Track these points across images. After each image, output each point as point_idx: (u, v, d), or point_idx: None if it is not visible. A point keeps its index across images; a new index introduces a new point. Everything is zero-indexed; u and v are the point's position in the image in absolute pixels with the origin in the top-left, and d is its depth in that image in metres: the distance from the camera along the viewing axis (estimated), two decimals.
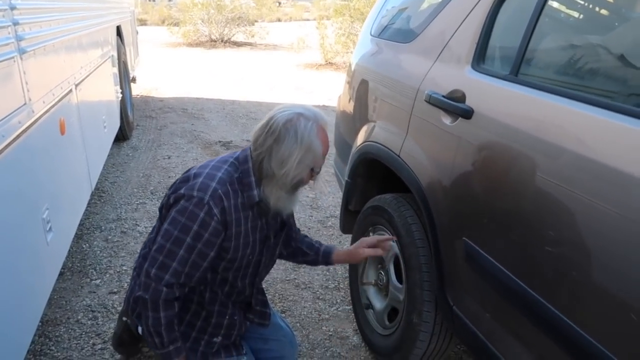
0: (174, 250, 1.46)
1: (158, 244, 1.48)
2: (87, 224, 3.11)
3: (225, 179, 1.50)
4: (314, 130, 1.48)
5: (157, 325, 1.48)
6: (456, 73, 1.57)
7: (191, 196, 1.45)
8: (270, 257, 1.73)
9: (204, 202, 1.43)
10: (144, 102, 6.75)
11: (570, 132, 1.12)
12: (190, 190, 1.46)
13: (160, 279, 1.46)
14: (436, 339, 1.72)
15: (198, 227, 1.45)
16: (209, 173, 1.50)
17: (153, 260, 1.47)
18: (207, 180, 1.48)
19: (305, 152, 1.48)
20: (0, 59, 1.50)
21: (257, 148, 1.51)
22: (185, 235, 1.45)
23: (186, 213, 1.44)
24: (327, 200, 3.76)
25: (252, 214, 1.57)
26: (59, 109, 2.18)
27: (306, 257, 1.88)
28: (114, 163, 4.25)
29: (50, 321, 2.18)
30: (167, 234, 1.46)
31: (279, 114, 1.49)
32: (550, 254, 1.11)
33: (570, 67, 1.28)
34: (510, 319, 1.27)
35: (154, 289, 1.46)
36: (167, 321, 1.49)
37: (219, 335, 1.69)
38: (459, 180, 1.47)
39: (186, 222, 1.45)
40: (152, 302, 1.47)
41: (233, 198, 1.49)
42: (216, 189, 1.46)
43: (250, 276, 1.70)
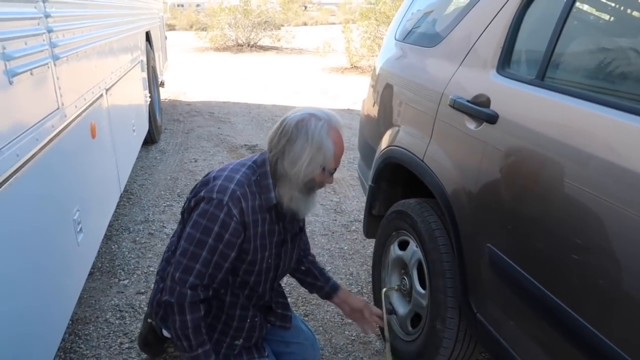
0: (197, 253, 1.49)
1: (182, 248, 1.51)
2: (116, 225, 3.18)
3: (244, 181, 1.53)
4: (324, 130, 1.50)
5: (184, 328, 1.51)
6: (481, 77, 1.56)
7: (211, 198, 1.49)
8: (289, 261, 1.75)
9: (223, 204, 1.47)
10: (171, 106, 6.88)
11: (598, 138, 1.10)
12: (210, 192, 1.50)
13: (184, 281, 1.49)
14: (459, 345, 1.69)
15: (219, 228, 1.48)
16: (228, 175, 1.54)
17: (177, 264, 1.51)
18: (225, 182, 1.51)
19: (316, 151, 1.49)
20: (35, 65, 1.55)
21: (272, 149, 1.54)
22: (207, 237, 1.48)
23: (207, 215, 1.48)
24: (351, 205, 3.76)
25: (269, 217, 1.58)
26: (90, 113, 2.25)
27: (315, 282, 1.91)
28: (142, 166, 4.35)
29: (80, 320, 2.24)
30: (190, 237, 1.50)
31: (292, 115, 1.53)
32: (577, 261, 1.09)
33: (599, 71, 1.26)
34: (535, 327, 1.25)
35: (179, 292, 1.50)
36: (194, 324, 1.52)
37: (241, 338, 1.71)
38: (483, 186, 1.45)
39: (207, 223, 1.48)
40: (178, 305, 1.50)
41: (251, 200, 1.52)
42: (234, 190, 1.49)
43: (271, 281, 1.71)
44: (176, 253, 1.54)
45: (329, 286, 1.90)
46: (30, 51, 1.52)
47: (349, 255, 3.00)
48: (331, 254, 3.00)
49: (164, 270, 1.72)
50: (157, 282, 1.76)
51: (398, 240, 2.07)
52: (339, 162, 1.56)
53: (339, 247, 3.09)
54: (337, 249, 3.06)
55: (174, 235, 1.74)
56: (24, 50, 1.48)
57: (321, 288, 1.90)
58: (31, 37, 1.56)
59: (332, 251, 3.03)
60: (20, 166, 1.38)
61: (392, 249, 2.10)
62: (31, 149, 1.48)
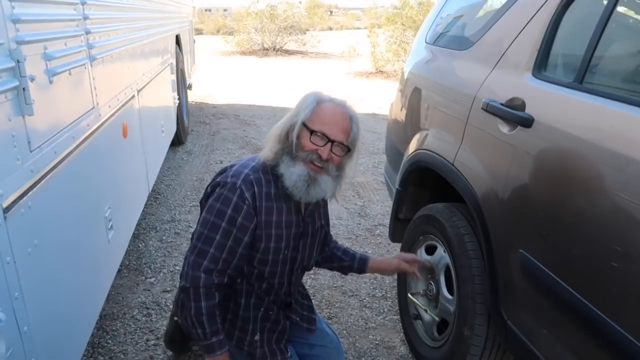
0: (211, 236, 1.51)
1: (197, 232, 1.54)
2: (143, 224, 3.23)
3: (258, 167, 1.55)
4: (310, 98, 1.54)
5: (198, 315, 1.52)
6: (515, 81, 1.53)
7: (225, 182, 1.52)
8: (308, 257, 1.74)
9: (236, 187, 1.49)
10: (198, 108, 6.97)
11: (638, 142, 1.07)
12: (225, 177, 1.53)
13: (198, 264, 1.51)
14: (488, 353, 1.66)
15: (232, 211, 1.50)
16: (244, 162, 1.58)
17: (193, 248, 1.53)
18: (240, 168, 1.55)
19: (294, 110, 1.54)
20: (73, 65, 1.59)
21: None
22: (221, 220, 1.50)
23: (220, 198, 1.50)
24: (375, 209, 3.74)
25: (286, 207, 1.59)
26: (122, 113, 2.30)
27: (342, 263, 1.90)
28: (169, 166, 4.41)
29: (107, 316, 2.28)
30: (205, 221, 1.52)
31: None
32: (616, 269, 1.06)
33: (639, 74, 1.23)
34: (570, 335, 1.22)
35: (192, 275, 1.51)
36: (208, 311, 1.52)
37: (257, 331, 1.70)
38: (517, 191, 1.42)
39: (221, 207, 1.50)
40: (193, 289, 1.51)
41: (265, 186, 1.54)
42: (248, 174, 1.52)
43: (288, 274, 1.70)
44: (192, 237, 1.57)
45: (357, 262, 1.90)
46: (69, 52, 1.56)
47: None
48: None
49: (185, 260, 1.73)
50: None
51: (425, 244, 2.05)
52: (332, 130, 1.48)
53: (363, 251, 3.07)
54: None
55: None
56: (64, 51, 1.52)
57: (351, 266, 1.90)
58: (70, 38, 1.60)
59: None
60: (57, 163, 1.42)
61: (419, 253, 2.08)
62: (68, 147, 1.52)
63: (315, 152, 1.50)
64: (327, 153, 1.50)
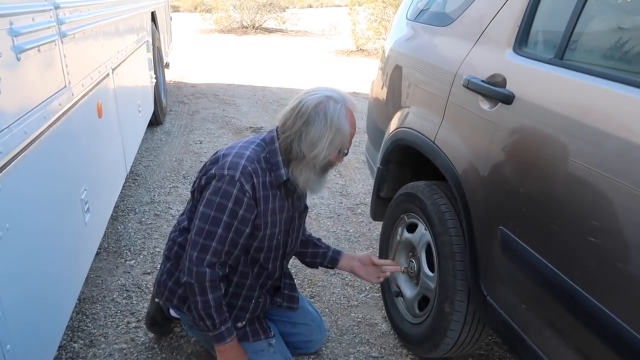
0: (212, 231, 1.50)
1: (197, 227, 1.51)
2: (122, 206, 3.18)
3: (253, 157, 1.53)
4: (343, 113, 1.51)
5: (207, 308, 1.53)
6: (497, 57, 1.52)
7: (222, 175, 1.49)
8: (296, 238, 1.75)
9: (235, 180, 1.47)
10: (176, 87, 6.84)
11: (619, 119, 1.07)
12: (221, 169, 1.50)
13: (202, 260, 1.50)
14: (468, 328, 1.69)
15: (233, 204, 1.48)
16: (238, 152, 1.54)
17: (194, 244, 1.51)
18: (236, 159, 1.52)
19: (335, 134, 1.51)
20: (42, 42, 1.53)
21: (286, 130, 1.53)
22: (222, 214, 1.49)
23: (220, 192, 1.48)
24: (357, 188, 3.74)
25: (279, 194, 1.59)
26: (96, 92, 2.23)
27: (317, 249, 1.91)
28: (147, 147, 4.33)
29: (87, 299, 2.25)
30: (205, 216, 1.50)
31: (309, 97, 1.51)
32: (593, 244, 1.07)
33: (620, 49, 1.22)
34: (548, 310, 1.24)
35: (197, 271, 1.50)
36: (215, 303, 1.53)
37: (244, 320, 1.71)
38: (497, 168, 1.43)
39: (221, 200, 1.48)
40: (198, 285, 1.51)
41: (262, 176, 1.53)
42: (245, 166, 1.49)
43: (280, 258, 1.71)
44: (191, 233, 1.54)
45: (331, 251, 1.93)
46: (37, 27, 1.50)
47: (355, 238, 3.00)
48: (337, 236, 2.99)
49: (170, 250, 1.72)
50: (164, 262, 1.76)
51: (406, 223, 2.05)
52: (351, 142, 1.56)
53: (344, 230, 3.08)
54: (343, 232, 3.06)
55: (182, 214, 1.73)
56: (32, 27, 1.46)
57: (325, 254, 1.91)
58: (38, 13, 1.53)
59: (338, 234, 3.02)
60: (28, 144, 1.37)
61: (400, 231, 2.09)
62: (39, 127, 1.46)
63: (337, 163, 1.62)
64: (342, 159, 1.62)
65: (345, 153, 1.58)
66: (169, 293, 1.70)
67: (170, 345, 1.99)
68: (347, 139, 1.54)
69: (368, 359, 1.99)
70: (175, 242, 1.71)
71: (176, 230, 1.74)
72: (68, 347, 1.94)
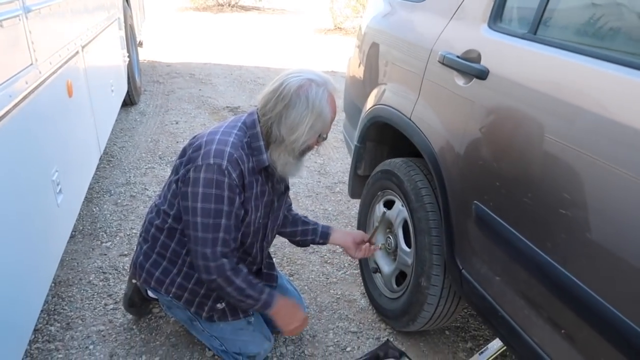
0: (217, 223, 1.48)
1: (200, 224, 1.47)
2: (96, 187, 3.12)
3: (237, 143, 1.50)
4: (325, 97, 1.49)
5: (241, 291, 1.54)
6: (472, 32, 1.52)
7: (209, 165, 1.45)
8: (275, 220, 1.75)
9: (223, 168, 1.44)
10: (151, 67, 6.68)
11: (590, 94, 1.08)
12: (207, 159, 1.45)
13: (215, 254, 1.49)
14: (444, 302, 1.72)
15: (228, 192, 1.47)
16: (221, 139, 1.50)
17: (203, 240, 1.48)
18: (220, 146, 1.47)
19: (316, 119, 1.49)
20: (5, 16, 1.47)
21: (267, 113, 1.50)
22: (221, 204, 1.47)
23: (213, 183, 1.45)
24: (335, 166, 3.74)
25: (260, 178, 1.57)
26: (65, 70, 2.16)
27: (306, 227, 1.91)
28: (122, 128, 4.24)
29: (62, 282, 2.21)
30: (205, 211, 1.46)
31: (291, 79, 1.48)
32: (563, 216, 1.10)
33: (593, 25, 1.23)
34: (521, 282, 1.27)
35: (216, 266, 1.50)
36: (246, 283, 1.55)
37: (223, 301, 1.71)
38: (472, 144, 1.44)
39: (217, 192, 1.46)
40: (222, 279, 1.51)
41: (246, 162, 1.51)
42: (231, 153, 1.46)
43: (260, 241, 1.71)
44: (190, 230, 1.50)
45: (321, 226, 1.93)
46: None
47: (334, 216, 3.01)
48: (315, 215, 3.00)
49: (147, 232, 1.70)
50: (140, 244, 1.74)
51: (383, 199, 2.07)
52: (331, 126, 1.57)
53: (323, 209, 3.09)
54: (322, 210, 3.07)
55: (160, 197, 1.70)
56: None
57: (315, 230, 1.92)
58: None
59: (317, 212, 3.03)
60: None
61: (378, 208, 2.11)
62: (5, 106, 1.41)
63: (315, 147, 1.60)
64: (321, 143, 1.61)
65: (324, 137, 1.57)
66: (146, 275, 1.69)
67: (149, 325, 1.99)
68: (327, 123, 1.53)
69: (347, 334, 2.02)
70: (152, 224, 1.68)
71: (152, 212, 1.71)
72: (44, 330, 1.92)
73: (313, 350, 1.92)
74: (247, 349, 1.73)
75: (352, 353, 1.92)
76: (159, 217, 1.65)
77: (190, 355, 1.85)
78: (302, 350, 1.91)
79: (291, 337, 1.97)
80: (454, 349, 1.98)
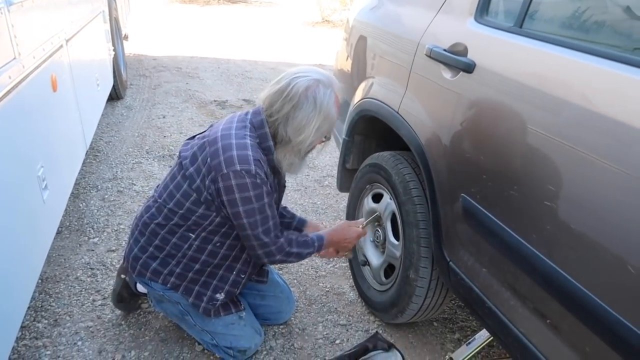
0: (264, 216, 1.53)
1: (249, 222, 1.52)
2: (83, 183, 3.09)
3: (255, 145, 1.53)
4: (332, 98, 1.51)
5: (301, 255, 1.67)
6: (458, 26, 1.53)
7: (237, 171, 1.46)
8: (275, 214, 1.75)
9: (253, 172, 1.47)
10: (137, 60, 6.61)
11: (575, 86, 1.10)
12: (232, 166, 1.46)
13: (273, 238, 1.57)
14: (432, 294, 1.74)
15: (262, 186, 1.50)
16: (239, 144, 1.50)
17: (256, 236, 1.55)
18: (241, 151, 1.48)
19: (323, 120, 1.51)
20: None
21: (273, 114, 1.51)
22: (262, 199, 1.51)
23: (248, 187, 1.48)
24: (323, 160, 3.75)
25: (272, 174, 1.60)
26: (50, 64, 2.13)
27: (283, 219, 1.93)
28: (108, 122, 4.20)
29: (50, 278, 2.20)
30: (250, 211, 1.51)
31: (298, 80, 1.49)
32: (549, 208, 1.11)
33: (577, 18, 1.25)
34: (507, 273, 1.28)
35: (277, 248, 1.59)
36: (299, 246, 1.67)
37: (222, 291, 1.71)
38: (459, 137, 1.45)
39: (253, 192, 1.49)
40: (284, 255, 1.62)
41: (265, 160, 1.54)
42: (255, 157, 1.50)
43: None
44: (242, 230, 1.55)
45: (296, 220, 1.96)
46: None
47: (322, 209, 3.02)
48: (304, 208, 3.01)
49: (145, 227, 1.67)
50: (136, 237, 1.70)
51: (372, 193, 2.08)
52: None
53: (312, 202, 3.10)
54: (310, 204, 3.07)
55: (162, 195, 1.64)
56: None
57: (289, 225, 1.94)
58: None
59: (305, 206, 3.03)
60: None
61: (366, 201, 2.11)
62: None
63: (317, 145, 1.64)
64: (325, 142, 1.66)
65: (328, 138, 1.61)
66: (141, 267, 1.68)
67: (138, 321, 1.98)
68: (333, 124, 1.57)
69: (336, 326, 2.03)
70: (152, 221, 1.65)
71: (152, 209, 1.66)
72: (32, 327, 1.91)
73: (302, 343, 1.93)
74: (239, 343, 1.74)
75: (341, 345, 1.94)
76: (161, 214, 1.63)
77: (180, 350, 1.85)
78: (291, 344, 1.92)
79: (281, 331, 1.98)
80: (442, 340, 2.00)
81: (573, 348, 1.09)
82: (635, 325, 0.92)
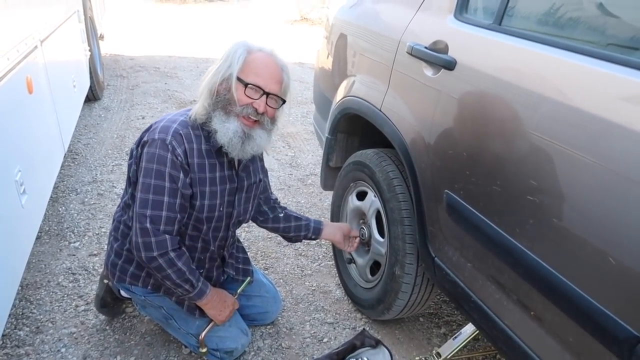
0: (158, 200, 1.44)
1: (140, 200, 1.45)
2: (62, 186, 3.03)
3: (187, 122, 1.49)
4: (240, 49, 1.47)
5: (181, 275, 1.51)
6: (439, 23, 1.54)
7: (153, 139, 1.43)
8: (244, 211, 1.73)
9: (167, 143, 1.42)
10: (113, 60, 6.50)
11: (552, 82, 1.11)
12: (152, 134, 1.45)
13: (157, 229, 1.45)
14: (418, 289, 1.76)
15: (170, 168, 1.43)
16: (170, 118, 1.50)
17: (143, 217, 1.44)
18: (167, 123, 1.47)
19: (223, 62, 1.48)
20: None
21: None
22: (162, 180, 1.43)
23: (155, 158, 1.42)
24: (306, 159, 3.74)
25: (218, 163, 1.55)
26: (24, 66, 2.08)
27: (299, 222, 1.93)
28: (86, 124, 4.13)
29: (30, 285, 2.15)
30: (145, 186, 1.44)
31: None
32: (531, 203, 1.13)
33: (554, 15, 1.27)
34: (491, 267, 1.30)
35: (157, 242, 1.45)
36: (187, 267, 1.52)
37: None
38: (442, 134, 1.46)
39: (157, 167, 1.43)
40: (165, 259, 1.47)
41: (195, 142, 1.48)
42: (177, 129, 1.45)
43: (224, 230, 1.69)
44: (134, 206, 1.48)
45: (313, 221, 1.95)
46: None
47: (306, 208, 3.02)
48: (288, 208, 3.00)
49: (116, 230, 1.67)
50: (111, 243, 1.70)
51: (356, 191, 2.08)
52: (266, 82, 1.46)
53: (295, 201, 3.09)
54: (294, 203, 3.07)
55: (125, 194, 1.66)
56: None
57: (307, 226, 1.94)
58: None
59: (289, 205, 3.03)
60: None
61: (351, 199, 2.12)
62: None
63: (251, 105, 1.46)
64: (263, 106, 1.48)
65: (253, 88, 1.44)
66: (120, 273, 1.66)
67: (122, 326, 1.95)
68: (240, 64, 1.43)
69: (323, 325, 2.04)
70: (120, 222, 1.65)
71: (120, 209, 1.68)
72: (13, 335, 1.86)
73: (290, 343, 1.93)
74: (225, 344, 1.73)
75: (329, 344, 1.94)
76: (125, 213, 1.63)
77: (167, 354, 1.83)
78: (279, 344, 1.92)
79: (268, 331, 1.98)
80: (428, 335, 2.02)
81: (557, 339, 1.11)
82: (616, 315, 0.94)
